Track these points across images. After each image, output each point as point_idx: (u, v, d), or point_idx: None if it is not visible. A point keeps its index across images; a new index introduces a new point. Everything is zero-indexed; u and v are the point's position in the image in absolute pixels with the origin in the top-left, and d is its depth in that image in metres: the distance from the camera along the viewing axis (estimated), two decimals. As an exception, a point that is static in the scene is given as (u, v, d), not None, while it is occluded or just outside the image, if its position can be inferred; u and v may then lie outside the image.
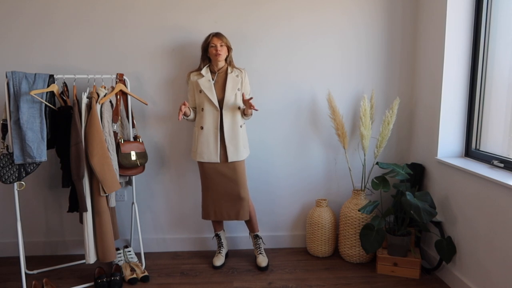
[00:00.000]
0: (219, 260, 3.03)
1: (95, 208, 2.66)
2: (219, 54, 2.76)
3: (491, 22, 2.64)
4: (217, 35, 2.78)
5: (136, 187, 3.10)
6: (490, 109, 2.67)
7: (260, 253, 3.05)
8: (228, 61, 2.86)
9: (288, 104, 3.18)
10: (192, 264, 3.08)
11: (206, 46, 2.79)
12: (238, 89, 2.83)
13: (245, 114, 2.86)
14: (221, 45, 2.76)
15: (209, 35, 2.78)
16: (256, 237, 3.09)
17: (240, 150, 2.84)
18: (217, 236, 3.10)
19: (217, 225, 3.09)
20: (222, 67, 2.84)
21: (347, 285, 2.77)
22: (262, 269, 2.97)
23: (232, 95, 2.81)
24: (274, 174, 3.26)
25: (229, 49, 2.83)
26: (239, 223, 3.24)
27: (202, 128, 2.82)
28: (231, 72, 2.84)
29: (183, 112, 2.68)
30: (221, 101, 2.80)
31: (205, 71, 2.82)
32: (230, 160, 2.83)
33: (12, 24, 2.94)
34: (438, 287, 2.73)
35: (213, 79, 2.82)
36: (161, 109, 3.12)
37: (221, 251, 3.08)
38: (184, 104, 2.68)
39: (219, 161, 2.83)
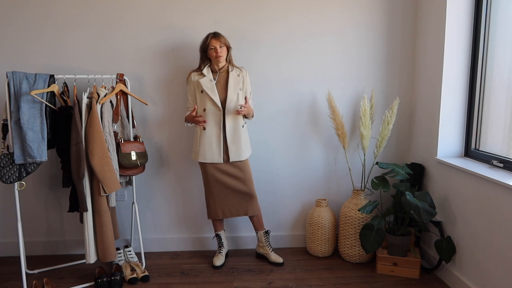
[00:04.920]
0: (219, 260, 3.03)
1: (95, 208, 2.67)
2: (220, 56, 2.75)
3: (490, 23, 2.64)
4: (215, 36, 2.75)
5: (136, 187, 3.10)
6: (490, 109, 2.68)
7: (271, 251, 3.08)
8: (228, 59, 2.86)
9: (288, 104, 3.19)
10: (192, 264, 3.08)
11: (205, 48, 2.77)
12: (240, 89, 2.83)
13: (246, 116, 2.88)
14: (221, 46, 2.75)
15: (207, 37, 2.76)
16: (266, 234, 3.10)
17: (242, 150, 2.86)
18: (218, 236, 3.10)
19: (218, 225, 3.08)
20: (223, 66, 2.84)
21: (347, 284, 2.78)
22: (280, 265, 3.02)
23: (235, 95, 2.80)
24: (274, 174, 3.27)
25: (228, 48, 2.82)
26: (240, 223, 3.25)
27: (204, 128, 2.82)
28: (232, 71, 2.83)
29: (202, 119, 2.74)
30: (223, 102, 2.80)
31: (206, 70, 2.80)
32: (231, 160, 2.84)
33: (12, 24, 2.94)
34: (437, 287, 2.74)
35: (214, 79, 2.81)
36: (161, 109, 3.13)
37: (221, 251, 3.08)
38: (195, 110, 2.73)
39: (222, 162, 2.84)
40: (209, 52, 2.77)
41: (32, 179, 3.06)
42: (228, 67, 2.84)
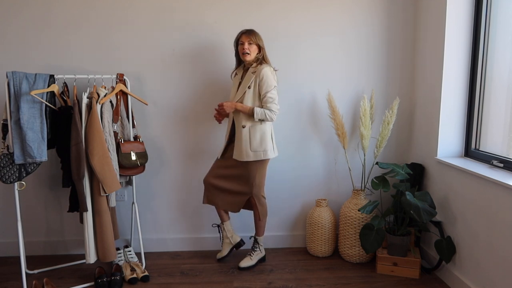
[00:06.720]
0: (219, 253, 3.06)
1: (95, 208, 2.67)
2: (247, 53, 2.71)
3: (490, 23, 2.64)
4: (247, 32, 2.72)
5: (136, 187, 3.10)
6: (490, 109, 2.68)
7: (249, 254, 3.03)
8: (258, 59, 2.76)
9: (288, 104, 3.19)
10: (192, 264, 3.08)
11: (237, 42, 2.78)
12: (249, 87, 2.73)
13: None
14: (250, 43, 2.70)
15: (240, 32, 2.75)
16: (254, 240, 3.06)
17: (242, 151, 2.75)
18: (218, 226, 3.09)
19: (220, 215, 3.03)
20: (250, 64, 2.79)
21: (347, 285, 2.78)
22: (239, 269, 2.96)
23: (240, 94, 2.77)
24: (274, 174, 3.26)
25: (260, 47, 2.76)
26: (239, 224, 3.24)
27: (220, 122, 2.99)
28: (252, 68, 2.76)
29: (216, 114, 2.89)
30: (232, 100, 2.83)
31: (239, 69, 2.87)
32: (233, 156, 2.83)
33: (12, 24, 2.94)
34: (437, 287, 2.74)
35: (241, 77, 2.84)
36: (161, 109, 3.13)
37: (222, 244, 3.08)
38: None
39: (219, 158, 2.93)
40: (238, 47, 2.77)
41: (32, 179, 3.06)
42: (251, 65, 2.77)
